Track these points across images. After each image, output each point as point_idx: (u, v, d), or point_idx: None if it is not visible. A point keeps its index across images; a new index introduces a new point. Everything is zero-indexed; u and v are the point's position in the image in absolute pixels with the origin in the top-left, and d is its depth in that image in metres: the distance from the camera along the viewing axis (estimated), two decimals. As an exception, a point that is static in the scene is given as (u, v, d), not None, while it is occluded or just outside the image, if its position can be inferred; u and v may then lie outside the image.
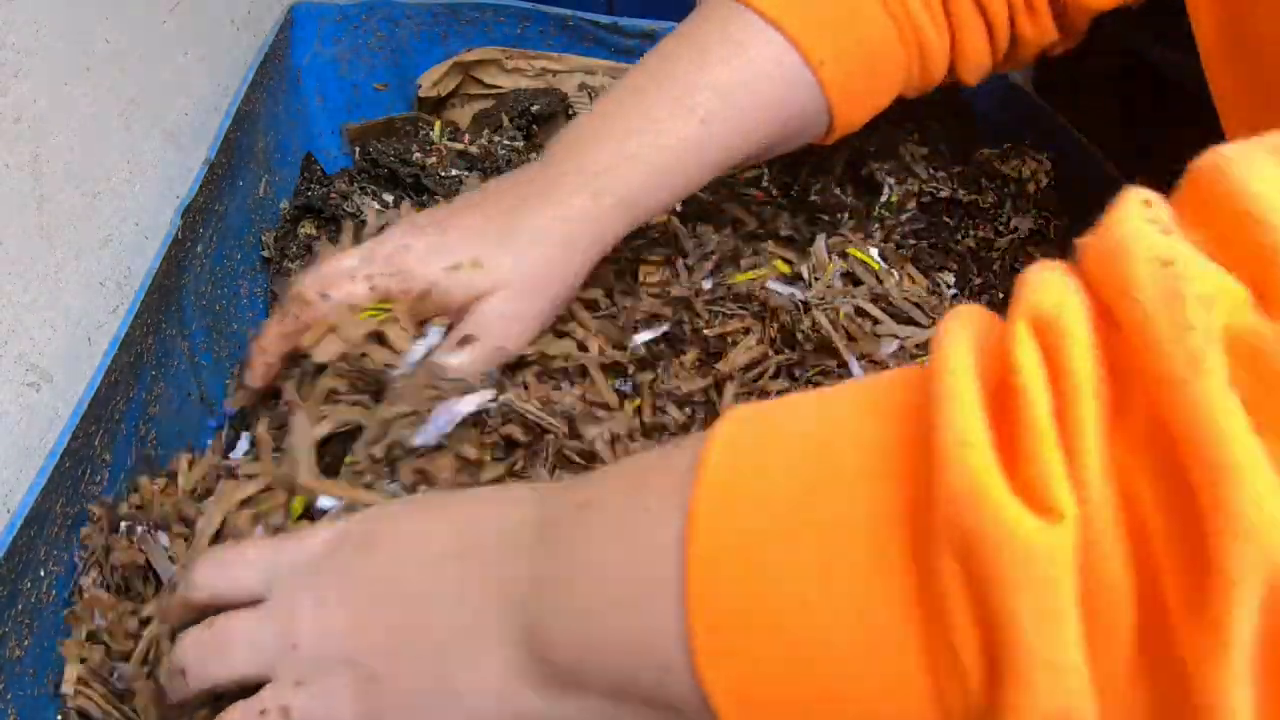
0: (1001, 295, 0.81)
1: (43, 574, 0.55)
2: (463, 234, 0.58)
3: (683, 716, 0.35)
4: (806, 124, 0.65)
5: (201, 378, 0.75)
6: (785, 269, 0.80)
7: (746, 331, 0.67)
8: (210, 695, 0.45)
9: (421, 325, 0.59)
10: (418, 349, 0.57)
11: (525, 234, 0.57)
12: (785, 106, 0.62)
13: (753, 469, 0.34)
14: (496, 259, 0.57)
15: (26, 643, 0.53)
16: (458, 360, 0.56)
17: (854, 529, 0.31)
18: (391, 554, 0.43)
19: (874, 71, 0.65)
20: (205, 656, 0.44)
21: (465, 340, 0.57)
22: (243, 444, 0.67)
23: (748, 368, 0.65)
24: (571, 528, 0.39)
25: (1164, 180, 0.53)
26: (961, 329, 0.32)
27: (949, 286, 0.80)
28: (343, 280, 0.57)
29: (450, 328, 0.59)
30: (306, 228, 0.89)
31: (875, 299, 0.71)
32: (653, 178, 0.59)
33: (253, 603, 0.45)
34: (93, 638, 0.56)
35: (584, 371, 0.62)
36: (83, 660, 0.55)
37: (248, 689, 0.43)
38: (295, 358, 0.60)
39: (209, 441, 0.69)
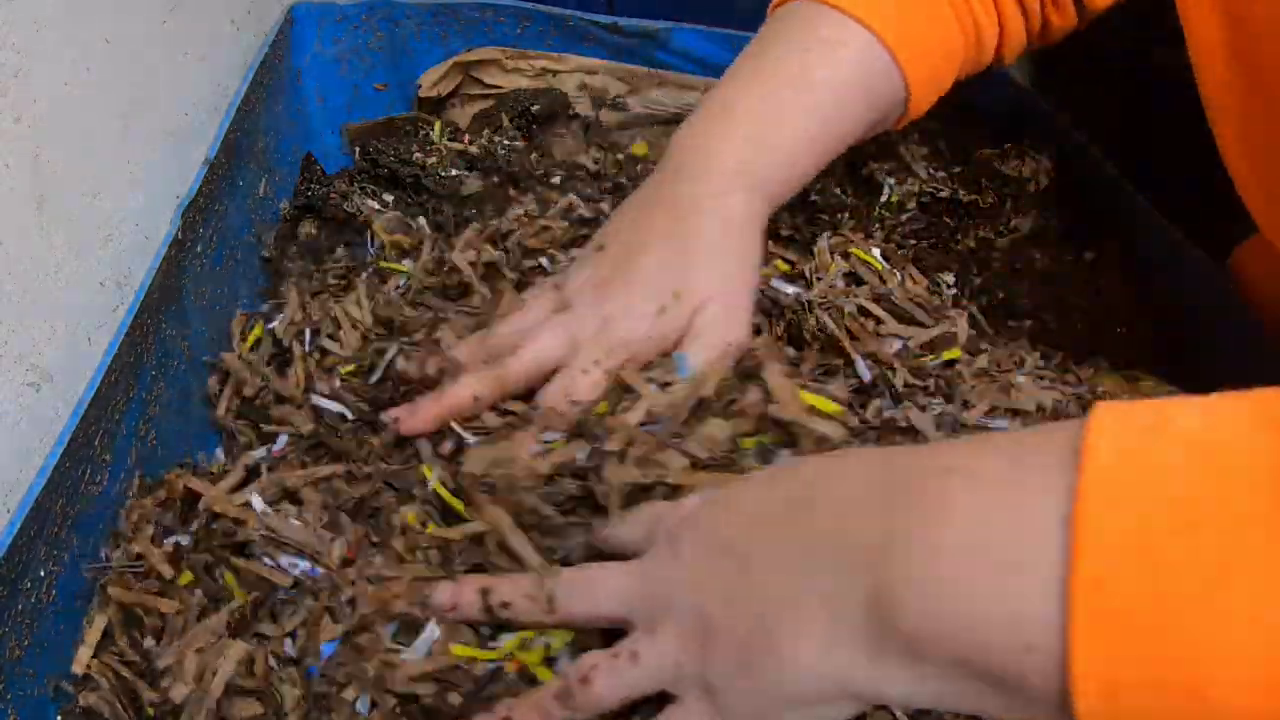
0: (1001, 295, 0.81)
1: (43, 574, 0.55)
2: (646, 280, 0.60)
3: (1022, 698, 0.35)
4: (890, 112, 0.70)
5: (201, 378, 0.75)
6: (785, 268, 0.80)
7: (757, 331, 0.67)
8: None
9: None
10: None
11: (703, 251, 0.60)
12: (879, 98, 0.67)
13: (1142, 463, 0.34)
14: (691, 285, 0.59)
15: (26, 643, 0.53)
16: (700, 361, 0.59)
17: (1255, 531, 0.31)
18: (741, 513, 0.46)
19: (944, 59, 0.70)
20: (573, 593, 0.49)
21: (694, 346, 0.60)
22: (259, 453, 0.67)
23: None
24: (938, 494, 0.38)
25: (1164, 180, 0.53)
26: None
27: (949, 286, 0.80)
28: (579, 377, 0.59)
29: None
30: (306, 228, 0.89)
31: (878, 299, 0.71)
32: (784, 170, 0.64)
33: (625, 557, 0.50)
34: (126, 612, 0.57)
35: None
36: (107, 637, 0.56)
37: None
38: None
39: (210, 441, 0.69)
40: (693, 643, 0.44)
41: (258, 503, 0.61)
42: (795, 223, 0.86)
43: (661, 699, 0.47)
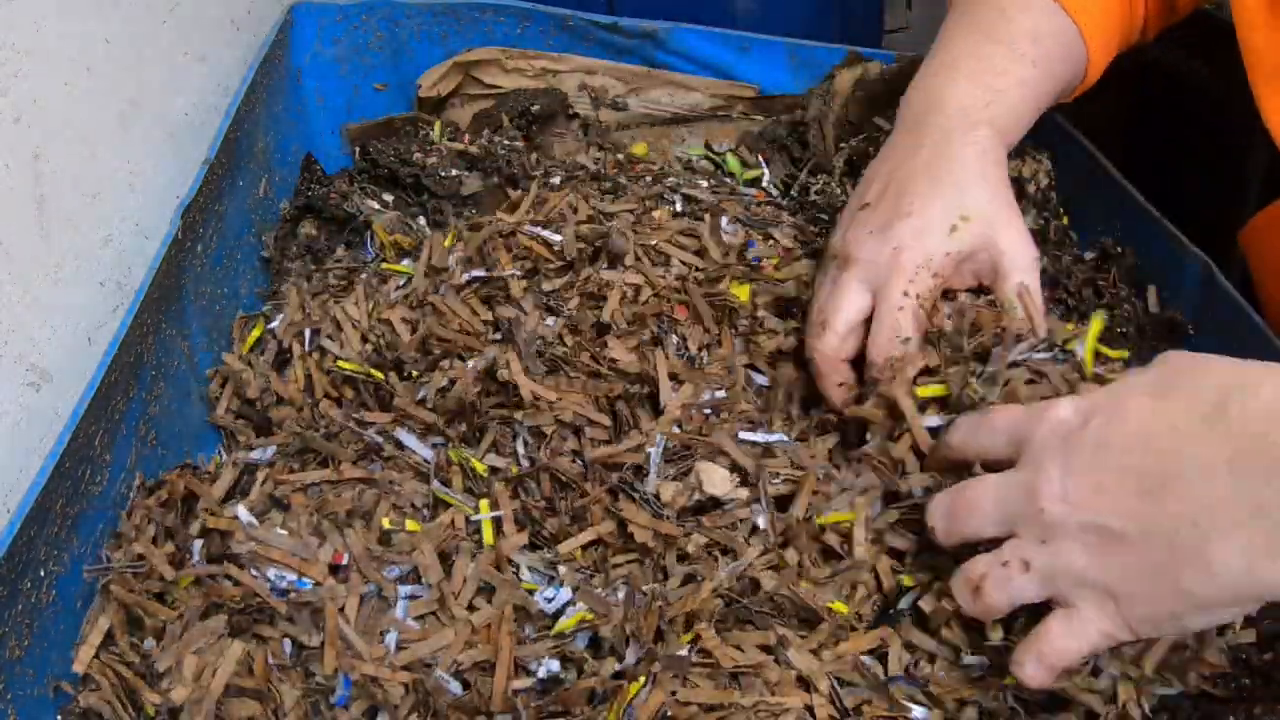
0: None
1: (43, 574, 0.55)
2: (925, 206, 0.62)
3: None
4: (1075, 75, 0.73)
5: (201, 378, 0.75)
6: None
7: None
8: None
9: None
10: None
11: (971, 175, 0.63)
12: (1071, 60, 0.71)
13: None
14: (971, 206, 0.62)
15: (26, 643, 0.53)
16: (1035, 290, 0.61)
17: None
18: (1138, 425, 0.46)
19: (1115, 33, 0.74)
20: (955, 515, 0.51)
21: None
22: (257, 454, 0.67)
23: None
24: None
25: (1163, 178, 0.54)
26: None
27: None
28: (895, 315, 0.60)
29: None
30: (306, 228, 0.89)
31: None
32: (1014, 111, 0.67)
33: (999, 467, 0.51)
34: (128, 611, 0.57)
35: None
36: (108, 637, 0.56)
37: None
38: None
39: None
40: (1094, 552, 0.46)
41: (244, 515, 0.61)
42: (795, 222, 0.86)
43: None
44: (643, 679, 0.52)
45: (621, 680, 0.53)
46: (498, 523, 0.61)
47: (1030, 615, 0.50)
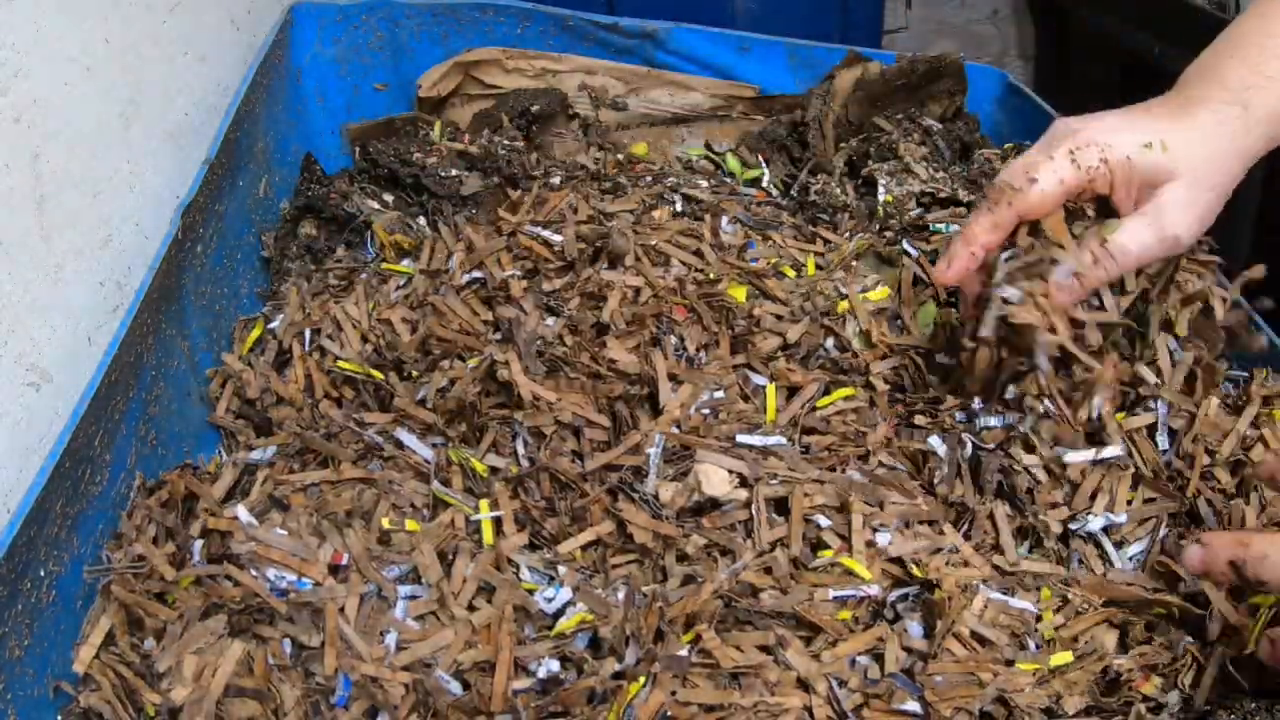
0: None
1: (43, 574, 0.55)
2: (1143, 117, 0.62)
3: None
4: None
5: (201, 378, 0.75)
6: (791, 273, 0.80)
7: None
8: None
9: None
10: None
11: (1199, 130, 0.61)
12: None
13: None
14: (1181, 146, 0.60)
15: (26, 642, 0.53)
16: (1138, 243, 0.60)
17: None
18: None
19: None
20: None
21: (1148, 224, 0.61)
22: (257, 454, 0.67)
23: None
24: None
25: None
26: None
27: (949, 286, 0.80)
28: (1042, 161, 0.61)
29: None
30: (306, 228, 0.89)
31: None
32: None
33: None
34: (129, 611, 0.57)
35: None
36: (109, 637, 0.56)
37: None
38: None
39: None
40: None
41: (244, 515, 0.61)
42: (795, 222, 0.86)
43: None
44: (643, 679, 0.52)
45: (621, 680, 0.53)
46: (498, 523, 0.61)
47: None
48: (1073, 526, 0.60)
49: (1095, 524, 0.60)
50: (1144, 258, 0.61)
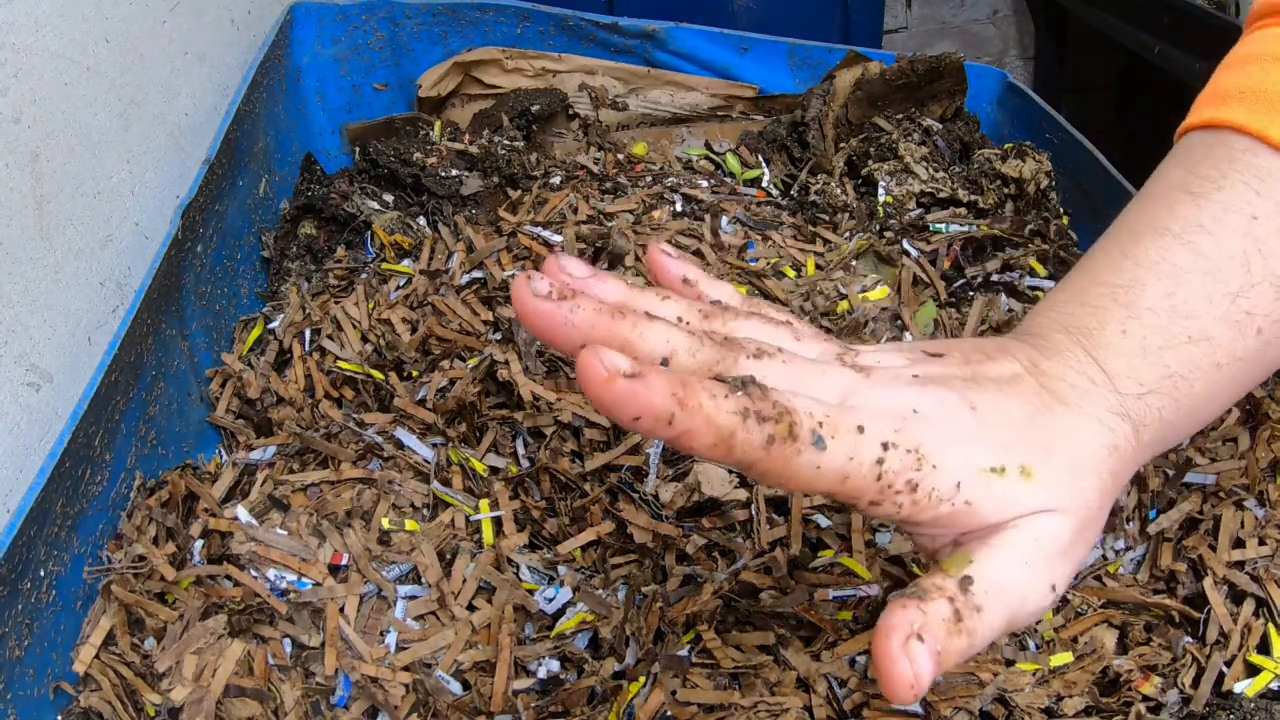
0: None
1: (43, 574, 0.55)
2: (999, 421, 0.39)
3: None
4: None
5: (201, 378, 0.75)
6: (792, 274, 0.80)
7: None
8: None
9: None
10: None
11: (1082, 453, 0.40)
12: None
13: None
14: (1051, 475, 0.39)
15: (26, 642, 0.53)
16: (1017, 592, 0.37)
17: None
18: None
19: None
20: None
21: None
22: (257, 454, 0.67)
23: None
24: None
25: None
26: None
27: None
28: (850, 428, 0.36)
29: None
30: (306, 228, 0.89)
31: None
32: (1197, 407, 0.43)
33: None
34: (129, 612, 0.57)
35: None
36: (109, 637, 0.56)
37: None
38: None
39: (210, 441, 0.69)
40: None
41: (244, 515, 0.61)
42: (795, 222, 0.86)
43: None
44: (642, 679, 0.52)
45: (621, 680, 0.53)
46: (498, 523, 0.61)
47: None
48: None
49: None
50: (1008, 628, 0.37)
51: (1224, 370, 0.43)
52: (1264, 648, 0.54)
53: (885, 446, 0.36)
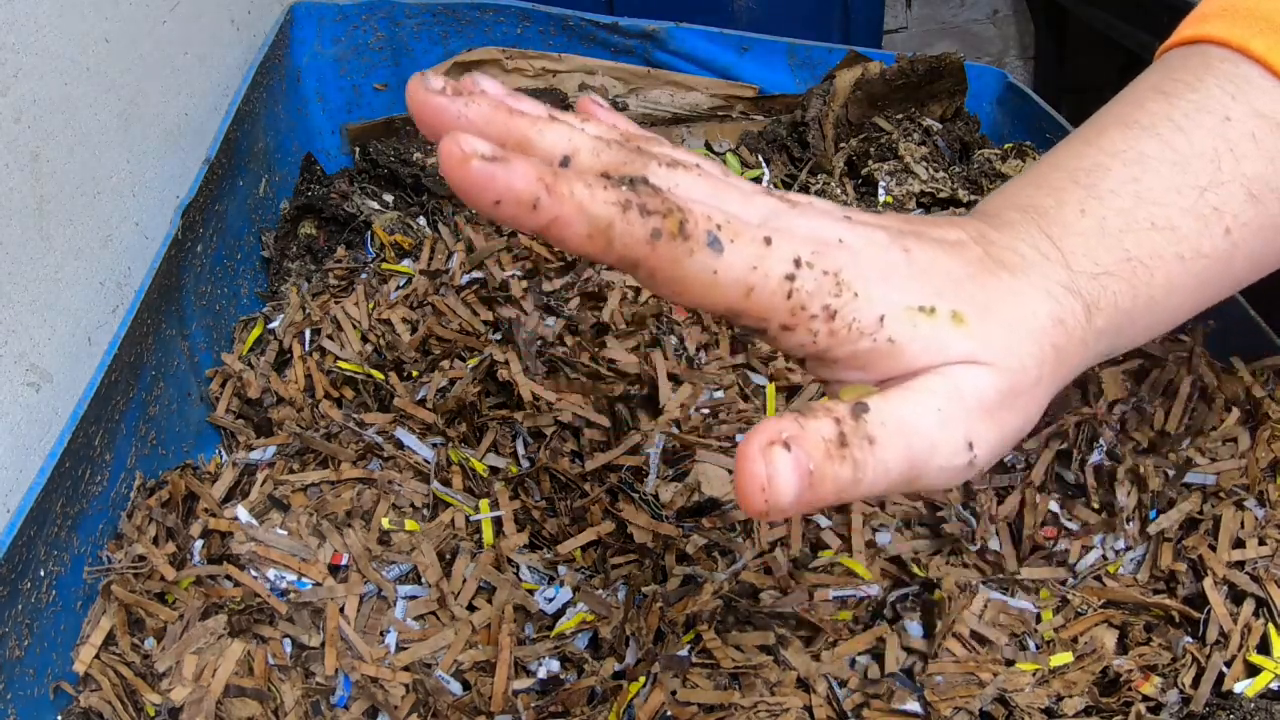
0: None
1: (43, 574, 0.55)
2: (932, 269, 0.36)
3: None
4: None
5: (201, 378, 0.75)
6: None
7: None
8: None
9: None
10: None
11: (1022, 316, 0.36)
12: None
13: None
14: (986, 326, 0.35)
15: (26, 642, 0.53)
16: (915, 438, 0.33)
17: None
18: None
19: None
20: None
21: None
22: (257, 454, 0.67)
23: None
24: None
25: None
26: None
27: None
28: (753, 234, 0.32)
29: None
30: (306, 228, 0.89)
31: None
32: (1156, 301, 0.41)
33: None
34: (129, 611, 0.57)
35: None
36: (109, 637, 0.56)
37: None
38: None
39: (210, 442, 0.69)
40: None
41: (244, 515, 0.61)
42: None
43: None
44: (642, 679, 0.52)
45: (621, 680, 0.53)
46: (498, 523, 0.61)
47: None
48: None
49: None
50: (910, 479, 0.34)
51: (1188, 264, 0.41)
52: (1264, 648, 0.54)
53: (798, 264, 0.33)
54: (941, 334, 0.34)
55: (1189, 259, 0.41)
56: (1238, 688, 0.52)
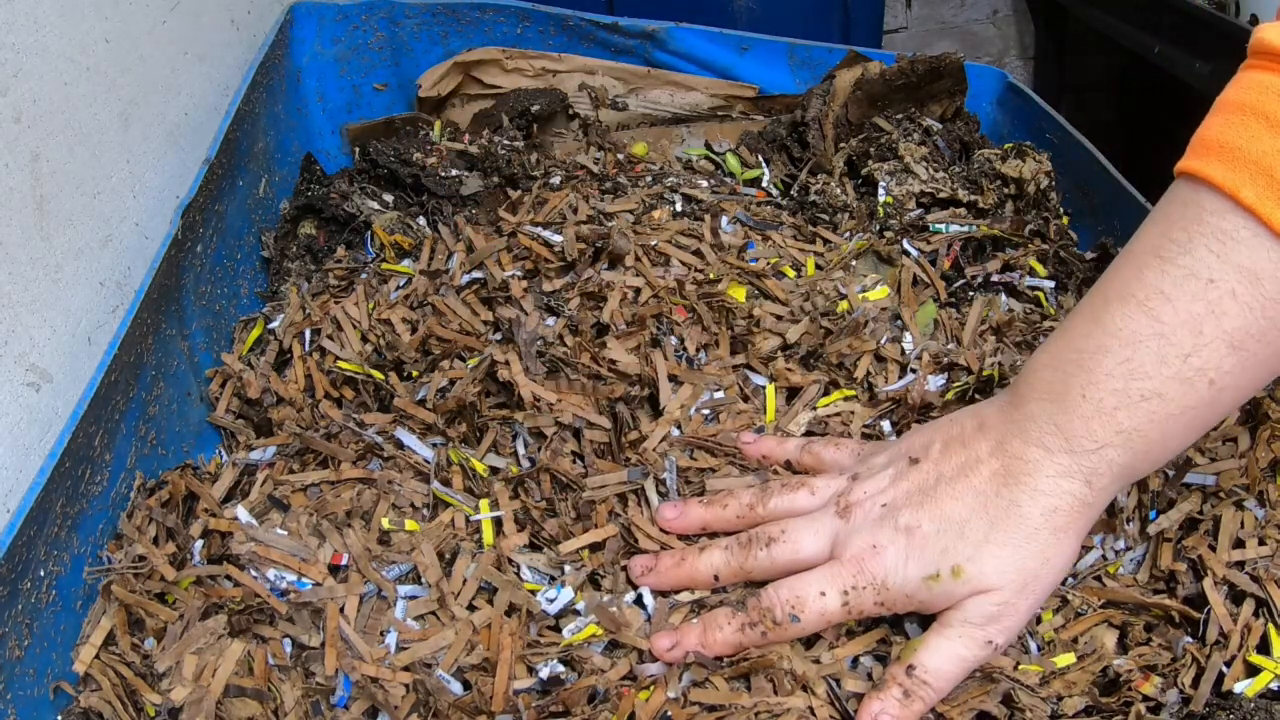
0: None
1: (42, 574, 0.55)
2: (940, 531, 0.52)
3: None
4: None
5: (201, 378, 0.75)
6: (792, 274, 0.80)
7: None
8: None
9: None
10: None
11: (1015, 533, 0.51)
12: None
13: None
14: (980, 564, 0.51)
15: (26, 642, 0.53)
16: (956, 661, 0.52)
17: None
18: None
19: None
20: None
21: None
22: (257, 454, 0.67)
23: None
24: None
25: (1163, 178, 0.53)
26: None
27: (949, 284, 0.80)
28: (814, 597, 0.53)
29: None
30: (306, 228, 0.89)
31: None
32: (1151, 453, 0.51)
33: None
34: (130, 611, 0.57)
35: None
36: (109, 637, 0.56)
37: None
38: None
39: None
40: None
41: (244, 515, 0.61)
42: (795, 222, 0.86)
43: None
44: (651, 687, 0.52)
45: (626, 682, 0.53)
46: (498, 523, 0.61)
47: None
48: None
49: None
50: (962, 677, 0.52)
51: (1177, 418, 0.49)
52: (1264, 648, 0.54)
53: (846, 593, 0.53)
54: (947, 588, 0.51)
55: (1177, 414, 0.49)
56: (1238, 688, 0.52)
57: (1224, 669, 0.53)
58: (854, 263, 0.80)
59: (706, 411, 0.67)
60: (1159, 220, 0.51)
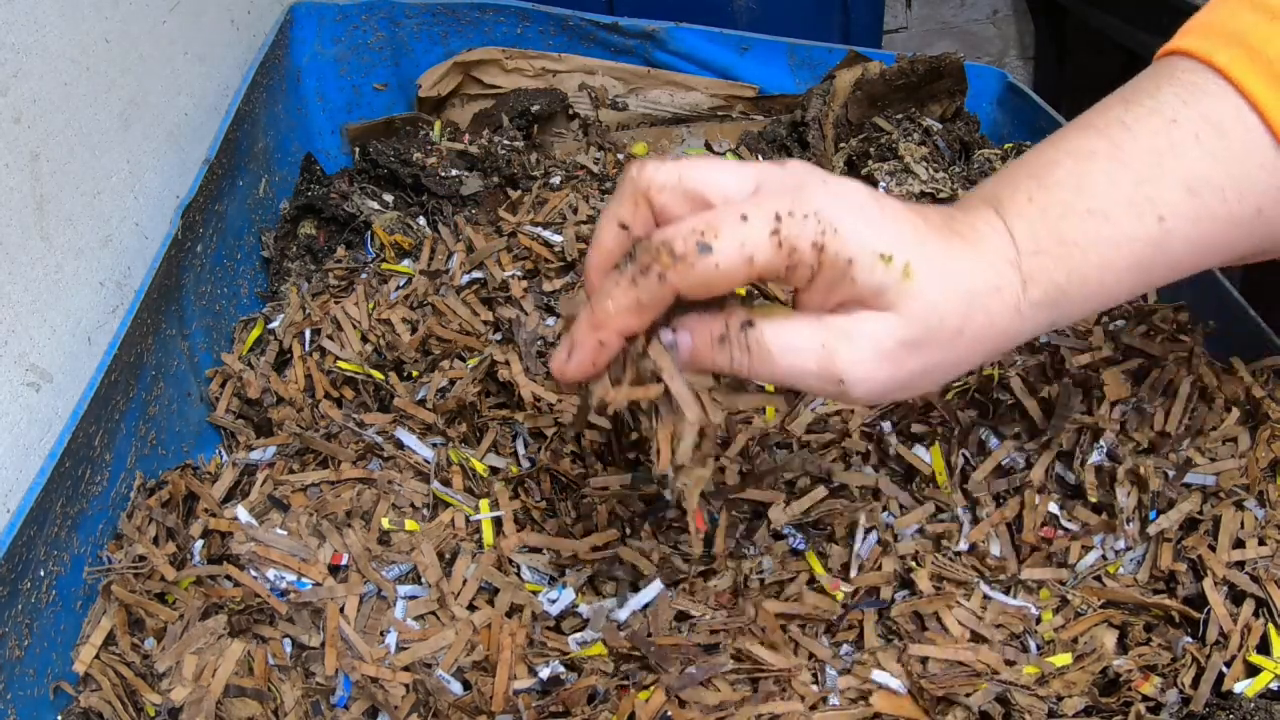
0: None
1: (42, 574, 0.55)
2: (900, 223, 0.42)
3: None
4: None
5: (201, 378, 0.75)
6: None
7: None
8: None
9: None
10: None
11: (962, 278, 0.43)
12: (1275, 211, 0.48)
13: None
14: (927, 280, 0.42)
15: (26, 642, 0.53)
16: (791, 360, 0.42)
17: None
18: None
19: None
20: None
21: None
22: (257, 454, 0.67)
23: None
24: None
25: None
26: None
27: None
28: (729, 221, 0.40)
29: None
30: (306, 228, 0.89)
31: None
32: (1089, 277, 0.46)
33: None
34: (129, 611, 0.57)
35: None
36: (109, 637, 0.56)
37: None
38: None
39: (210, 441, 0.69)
40: None
41: (244, 515, 0.61)
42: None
43: None
44: (651, 688, 0.52)
45: (626, 682, 0.53)
46: (498, 523, 0.61)
47: None
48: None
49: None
50: (789, 382, 0.42)
51: (1121, 249, 0.46)
52: (1264, 648, 0.54)
53: (778, 218, 0.40)
54: (884, 280, 0.41)
55: (1122, 243, 0.46)
56: (1237, 688, 0.52)
57: (1224, 669, 0.53)
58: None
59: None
60: (1128, 84, 0.49)
